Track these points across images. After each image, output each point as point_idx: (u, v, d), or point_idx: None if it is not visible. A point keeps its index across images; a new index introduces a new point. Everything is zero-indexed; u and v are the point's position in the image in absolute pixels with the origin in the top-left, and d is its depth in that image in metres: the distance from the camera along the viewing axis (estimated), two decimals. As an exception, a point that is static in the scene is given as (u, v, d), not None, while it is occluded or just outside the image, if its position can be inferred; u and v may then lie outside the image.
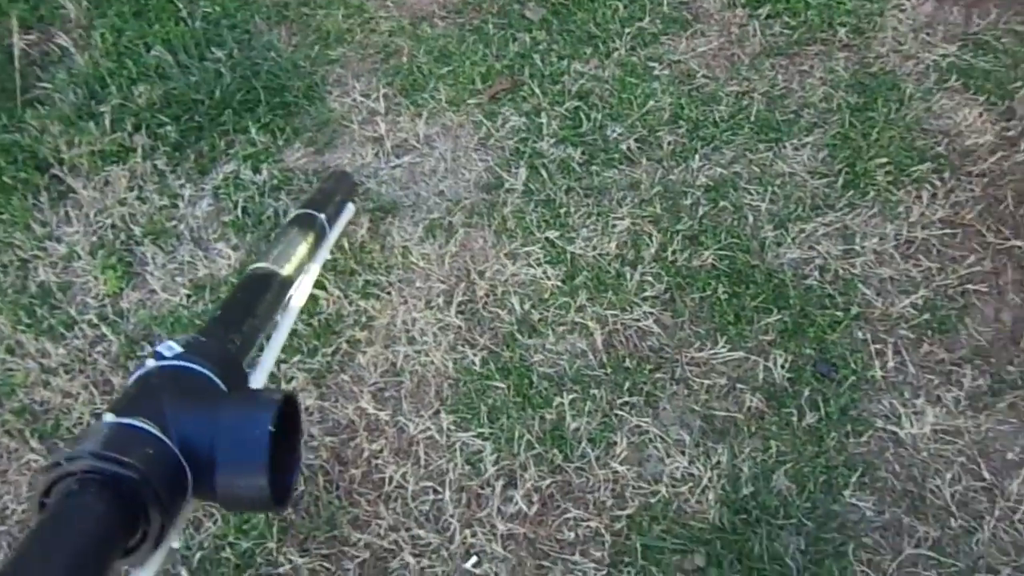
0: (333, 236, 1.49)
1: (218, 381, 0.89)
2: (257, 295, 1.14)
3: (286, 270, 1.21)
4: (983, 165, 1.73)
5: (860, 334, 1.56)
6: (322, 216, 1.37)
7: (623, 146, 1.75)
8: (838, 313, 1.57)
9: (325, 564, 1.40)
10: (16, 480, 1.48)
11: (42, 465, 0.69)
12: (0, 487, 1.48)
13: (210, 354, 0.91)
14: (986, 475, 1.43)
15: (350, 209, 1.58)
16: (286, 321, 1.28)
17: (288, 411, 0.90)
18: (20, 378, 1.55)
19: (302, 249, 1.28)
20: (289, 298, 1.28)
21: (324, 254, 1.45)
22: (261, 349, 1.20)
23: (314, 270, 1.39)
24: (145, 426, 0.77)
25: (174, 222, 1.70)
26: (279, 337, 1.24)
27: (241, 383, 0.95)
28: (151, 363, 0.89)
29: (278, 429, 0.81)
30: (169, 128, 1.78)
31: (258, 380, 1.14)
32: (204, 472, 0.80)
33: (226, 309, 1.11)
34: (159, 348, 0.91)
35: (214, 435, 0.80)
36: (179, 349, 0.90)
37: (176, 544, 0.84)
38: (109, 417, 0.78)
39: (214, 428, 0.80)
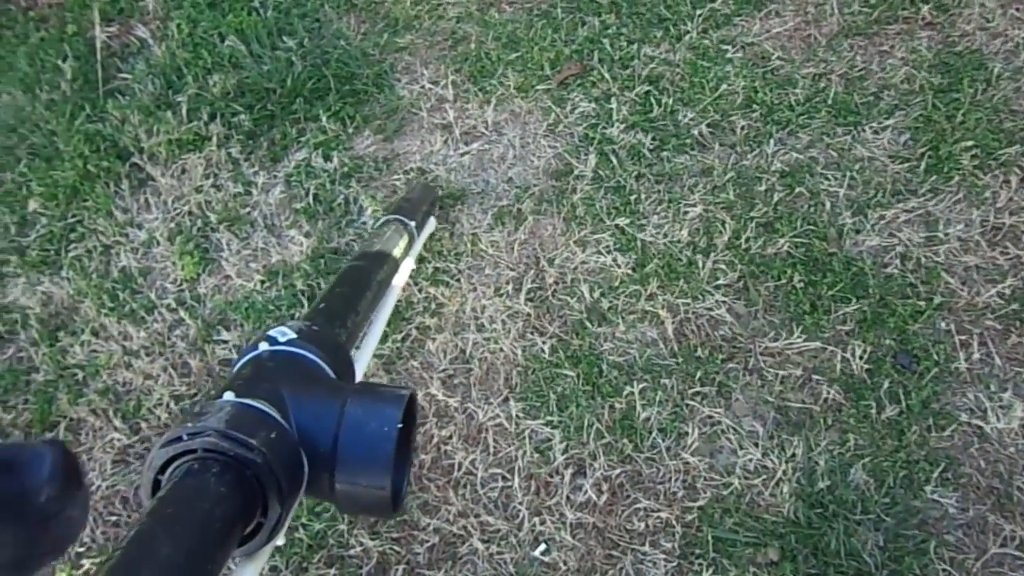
0: (418, 246, 1.50)
1: (330, 371, 0.88)
2: (359, 291, 1.14)
3: (383, 271, 1.22)
4: (1077, 148, 1.64)
5: (943, 324, 1.50)
6: (412, 224, 1.38)
7: (695, 131, 1.72)
8: (920, 303, 1.51)
9: (395, 548, 1.42)
10: (101, 458, 1.54)
11: (158, 439, 0.69)
12: (86, 464, 1.54)
13: (323, 343, 0.90)
14: (1078, 473, 1.37)
15: (432, 222, 1.59)
16: (381, 318, 1.29)
17: (407, 412, 0.88)
18: (104, 359, 1.60)
19: (397, 251, 1.29)
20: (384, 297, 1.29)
21: (411, 262, 1.46)
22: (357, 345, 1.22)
23: (404, 274, 1.41)
24: (268, 409, 0.76)
25: (248, 209, 1.74)
26: (375, 332, 1.26)
27: (350, 375, 0.94)
28: (264, 346, 0.88)
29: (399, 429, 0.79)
30: (243, 117, 1.81)
31: (359, 372, 1.15)
32: (322, 466, 0.78)
33: (330, 301, 1.12)
34: (271, 332, 0.90)
35: (337, 428, 0.78)
36: (292, 335, 0.89)
37: (281, 542, 0.84)
38: (230, 395, 0.77)
39: (337, 420, 0.79)
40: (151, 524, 0.65)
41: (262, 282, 1.65)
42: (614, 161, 1.69)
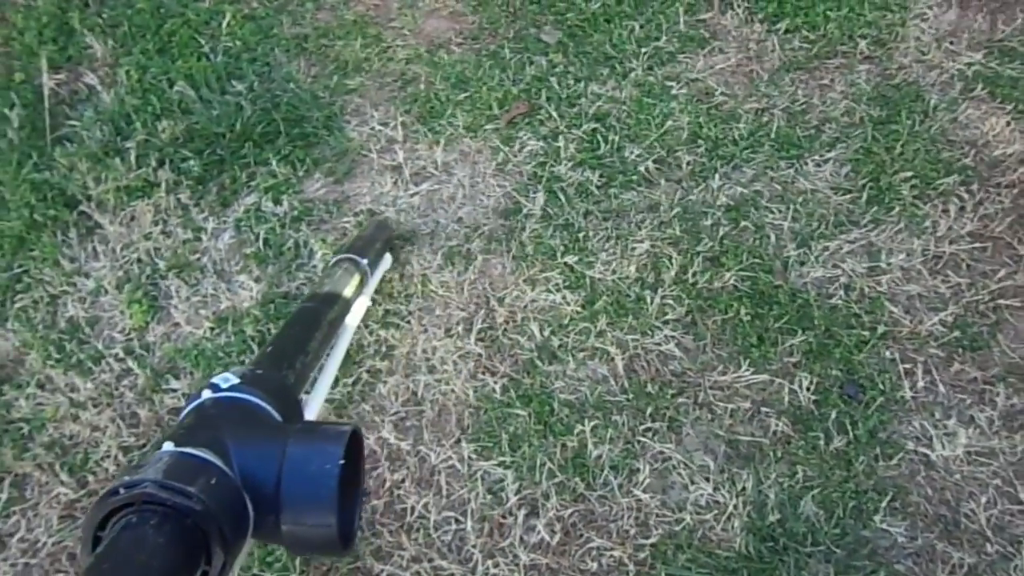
0: (373, 283, 1.50)
1: (276, 414, 0.88)
2: (308, 332, 1.14)
3: (334, 311, 1.22)
4: (1012, 176, 1.68)
5: (888, 354, 1.53)
6: (365, 261, 1.38)
7: (641, 168, 1.74)
8: (864, 332, 1.54)
9: (349, 596, 1.40)
10: (47, 513, 1.51)
11: (98, 495, 0.68)
12: (32, 520, 1.51)
13: (267, 386, 0.89)
14: (1023, 497, 1.39)
15: (388, 259, 1.59)
16: (334, 359, 1.29)
17: (352, 448, 0.87)
18: (50, 412, 1.58)
19: (348, 291, 1.29)
20: (337, 337, 1.29)
21: (366, 300, 1.46)
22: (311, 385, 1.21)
23: (358, 313, 1.40)
24: (208, 456, 0.75)
25: (197, 255, 1.73)
26: (328, 373, 1.25)
27: (298, 417, 0.93)
28: (207, 393, 0.87)
29: (343, 466, 0.78)
30: (192, 162, 1.80)
31: (311, 414, 1.14)
32: (267, 509, 0.77)
33: (278, 344, 1.11)
34: (214, 380, 0.89)
35: (280, 469, 0.77)
36: (235, 380, 0.88)
37: None
38: (169, 446, 0.76)
39: (279, 461, 0.78)
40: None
41: (212, 329, 1.64)
42: (562, 199, 1.71)
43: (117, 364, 1.62)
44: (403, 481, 1.48)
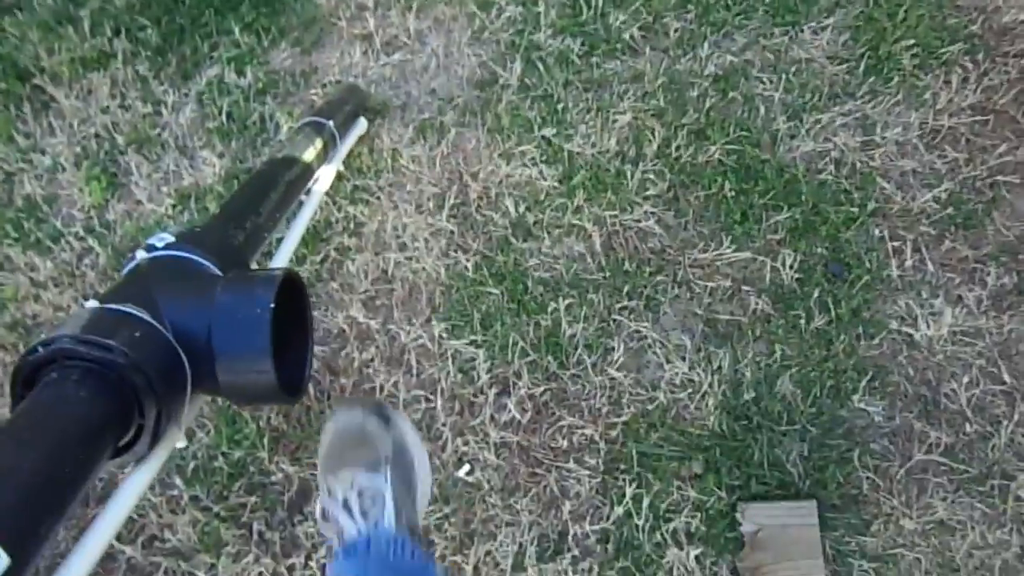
0: (345, 147, 1.43)
1: (215, 269, 0.84)
2: (261, 193, 1.09)
3: (292, 172, 1.16)
4: (1022, 44, 1.58)
5: (877, 231, 1.46)
6: (330, 123, 1.31)
7: (626, 35, 1.63)
8: (853, 209, 1.47)
9: (316, 473, 1.38)
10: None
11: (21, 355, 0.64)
12: None
13: (206, 243, 0.85)
14: (1006, 378, 1.35)
15: (362, 123, 1.52)
16: (299, 222, 1.24)
17: (293, 295, 0.83)
18: (10, 292, 1.54)
19: (309, 153, 1.22)
20: (305, 196, 1.23)
21: (336, 163, 1.40)
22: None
23: (327, 177, 1.34)
24: (131, 310, 0.72)
25: (158, 130, 1.65)
26: (292, 237, 1.20)
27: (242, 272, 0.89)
28: (142, 254, 0.84)
29: (283, 314, 0.74)
30: (150, 31, 1.70)
31: None
32: (204, 361, 0.74)
33: (227, 205, 1.07)
34: (150, 240, 0.86)
35: (210, 319, 0.74)
36: (171, 239, 0.85)
37: (181, 444, 0.80)
38: (92, 303, 0.73)
39: (209, 312, 0.74)
40: (3, 436, 0.61)
41: (174, 206, 1.57)
42: (541, 68, 1.61)
43: (77, 243, 1.56)
44: (372, 360, 1.45)
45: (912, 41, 1.58)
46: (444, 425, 1.39)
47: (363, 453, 0.73)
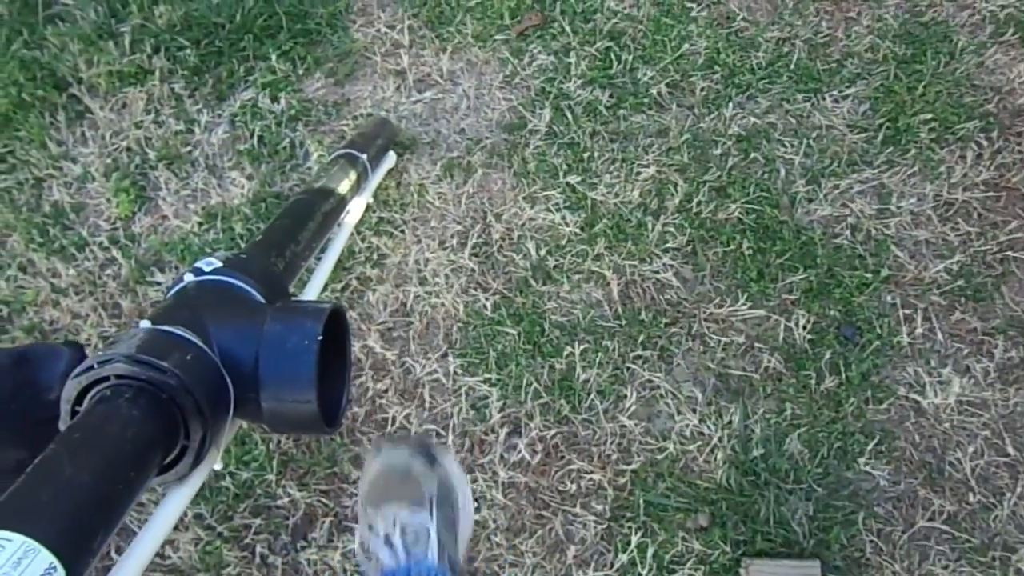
0: (375, 180, 1.46)
1: (260, 297, 0.85)
2: (299, 222, 1.11)
3: (329, 203, 1.19)
4: (1035, 127, 1.63)
5: (889, 298, 1.49)
6: (364, 156, 1.34)
7: (653, 90, 1.67)
8: (867, 275, 1.50)
9: (323, 500, 1.39)
10: (24, 399, 1.49)
11: (73, 371, 0.66)
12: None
13: (252, 270, 0.87)
14: (1010, 451, 1.38)
15: (391, 156, 1.55)
16: (332, 253, 1.26)
17: (336, 327, 0.85)
18: (31, 296, 1.55)
19: (344, 185, 1.25)
20: (337, 227, 1.26)
21: (367, 195, 1.42)
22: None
23: (358, 209, 1.36)
24: (183, 333, 0.73)
25: (189, 148, 1.67)
26: (325, 266, 1.22)
27: (284, 300, 0.91)
28: (189, 277, 0.85)
29: (324, 346, 0.76)
30: (188, 51, 1.73)
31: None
32: (248, 388, 0.75)
33: (268, 233, 1.09)
34: (198, 264, 0.87)
35: (258, 347, 0.75)
36: (219, 264, 0.86)
37: (218, 466, 0.81)
38: (145, 324, 0.74)
39: (258, 339, 0.76)
40: (56, 449, 0.62)
41: (200, 224, 1.59)
42: (569, 117, 1.65)
43: (101, 252, 1.58)
44: (386, 391, 1.46)
45: (930, 115, 1.63)
46: (454, 460, 1.40)
47: (408, 491, 0.75)
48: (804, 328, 1.46)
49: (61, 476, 0.60)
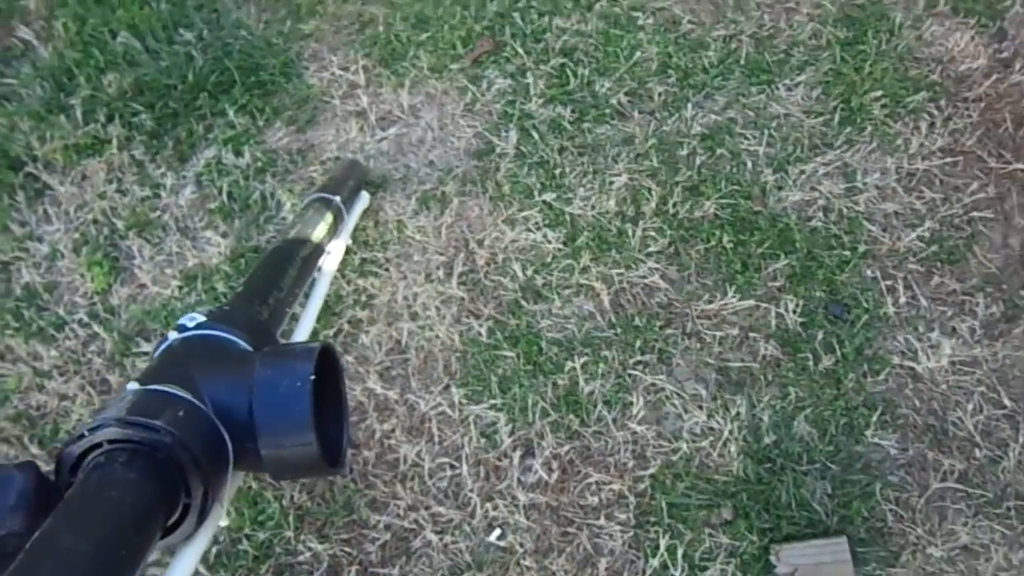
0: (351, 221, 1.45)
1: (247, 346, 0.84)
2: (280, 269, 1.10)
3: (306, 248, 1.18)
4: (979, 90, 1.69)
5: (869, 272, 1.53)
6: (337, 198, 1.33)
7: (613, 100, 1.70)
8: (845, 252, 1.54)
9: (346, 549, 1.37)
10: (20, 490, 1.44)
11: (63, 441, 0.64)
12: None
13: (236, 320, 0.86)
14: (1007, 402, 1.42)
15: (364, 197, 1.54)
16: (315, 298, 1.25)
17: (328, 366, 0.84)
18: (13, 383, 1.50)
19: (321, 228, 1.24)
20: (318, 271, 1.25)
21: (345, 238, 1.42)
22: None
23: (338, 251, 1.36)
24: (173, 390, 0.72)
25: (158, 212, 1.65)
26: (310, 313, 1.21)
27: (273, 346, 0.89)
28: (174, 334, 0.84)
29: (319, 386, 0.75)
30: (144, 116, 1.71)
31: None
32: (246, 437, 0.73)
33: (250, 283, 1.08)
34: (181, 321, 0.86)
35: (251, 394, 0.74)
36: (202, 318, 0.85)
37: (224, 522, 0.79)
38: (133, 386, 0.73)
39: (250, 387, 0.75)
40: (54, 522, 0.60)
41: (180, 288, 1.57)
42: (535, 136, 1.67)
43: (82, 329, 1.54)
44: (393, 431, 1.45)
45: (880, 92, 1.68)
46: (472, 491, 1.39)
47: None
48: (794, 312, 1.49)
49: (62, 548, 0.58)
